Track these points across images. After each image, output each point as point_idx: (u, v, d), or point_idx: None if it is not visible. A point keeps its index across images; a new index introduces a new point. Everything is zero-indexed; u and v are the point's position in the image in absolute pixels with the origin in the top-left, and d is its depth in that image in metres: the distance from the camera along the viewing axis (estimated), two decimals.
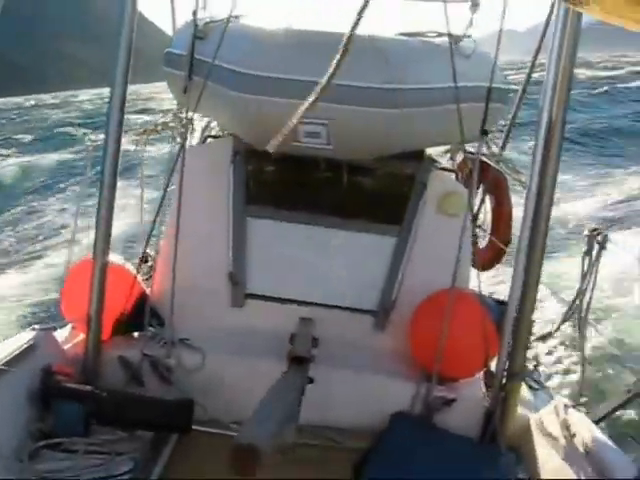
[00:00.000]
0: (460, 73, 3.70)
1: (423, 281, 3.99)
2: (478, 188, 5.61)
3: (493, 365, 3.76)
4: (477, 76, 3.80)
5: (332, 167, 4.22)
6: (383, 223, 4.25)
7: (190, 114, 3.99)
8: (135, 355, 3.79)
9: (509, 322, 3.58)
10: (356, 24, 1.29)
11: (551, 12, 3.84)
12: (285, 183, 4.41)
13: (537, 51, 4.86)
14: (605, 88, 37.78)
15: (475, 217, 5.55)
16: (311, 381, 3.29)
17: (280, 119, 3.94)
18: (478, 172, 5.40)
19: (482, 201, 5.66)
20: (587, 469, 3.10)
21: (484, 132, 3.65)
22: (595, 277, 3.64)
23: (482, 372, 3.88)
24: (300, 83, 3.45)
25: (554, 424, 3.55)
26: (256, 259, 4.29)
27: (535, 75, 5.12)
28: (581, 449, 3.22)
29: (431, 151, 4.61)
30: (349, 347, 4.01)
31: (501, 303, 3.95)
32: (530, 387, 3.99)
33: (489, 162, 5.18)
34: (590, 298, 3.66)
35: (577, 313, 3.70)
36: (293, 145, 3.76)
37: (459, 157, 5.51)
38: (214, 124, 5.60)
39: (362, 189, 4.39)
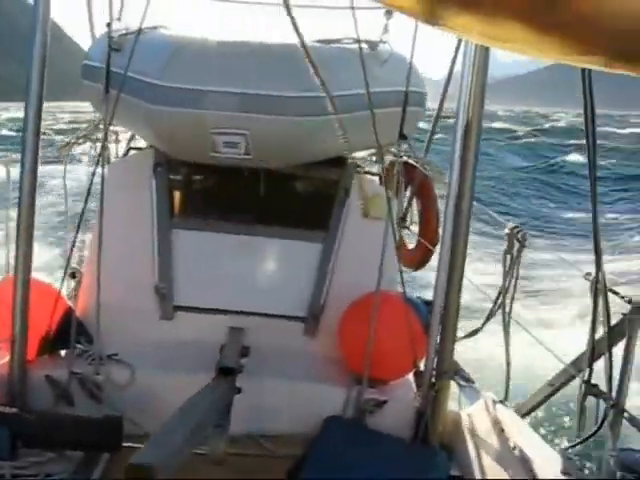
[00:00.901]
0: (377, 78, 3.76)
1: (351, 285, 4.02)
2: (405, 190, 5.69)
3: (423, 365, 3.82)
4: (394, 81, 3.86)
5: (256, 176, 4.22)
6: (309, 229, 4.28)
7: (110, 126, 3.94)
8: (63, 374, 3.71)
9: (435, 322, 3.65)
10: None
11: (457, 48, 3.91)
12: (209, 193, 4.40)
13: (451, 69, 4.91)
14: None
15: (403, 219, 5.64)
16: (239, 391, 3.28)
17: (193, 130, 3.95)
18: (404, 175, 5.53)
19: (409, 203, 5.73)
20: (515, 463, 3.18)
21: (403, 136, 3.71)
22: (517, 274, 3.73)
23: (412, 372, 3.93)
24: (212, 94, 3.46)
25: (483, 421, 3.63)
26: (183, 271, 4.26)
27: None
28: (510, 444, 3.31)
29: (357, 155, 4.67)
30: (280, 354, 4.01)
31: (429, 303, 4.01)
32: (459, 385, 4.06)
33: (415, 165, 5.26)
34: (513, 295, 3.75)
35: (501, 310, 3.79)
36: (212, 156, 3.75)
37: (386, 160, 5.57)
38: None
39: (287, 196, 4.41)
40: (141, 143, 5.37)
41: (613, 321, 3.18)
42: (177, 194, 4.31)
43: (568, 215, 23.42)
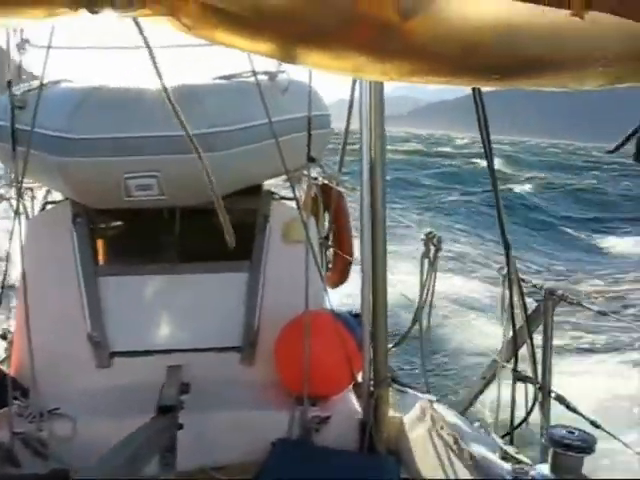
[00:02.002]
0: (279, 107, 3.88)
1: (281, 309, 4.10)
2: (325, 211, 5.82)
3: (360, 377, 3.93)
4: (296, 107, 3.99)
5: (175, 214, 4.28)
6: (233, 260, 4.34)
7: (23, 183, 3.94)
8: (4, 435, 3.68)
9: (366, 333, 3.77)
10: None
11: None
12: (131, 238, 4.43)
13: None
14: None
15: (327, 238, 5.76)
16: (181, 427, 3.32)
17: (105, 178, 3.98)
18: (322, 196, 5.67)
19: (331, 222, 5.86)
20: (459, 458, 3.31)
21: (311, 159, 3.82)
22: (435, 277, 3.88)
23: (351, 385, 4.04)
24: (120, 140, 3.52)
25: (424, 422, 3.75)
26: (114, 317, 4.26)
27: None
28: (451, 440, 3.43)
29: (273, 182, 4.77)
30: (220, 386, 4.05)
31: (358, 316, 4.13)
32: (398, 391, 4.17)
33: (331, 184, 5.40)
34: (432, 297, 3.90)
35: (424, 312, 3.94)
36: (127, 200, 3.80)
37: (304, 184, 5.68)
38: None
39: (207, 231, 4.45)
40: (57, 196, 5.36)
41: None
42: (99, 242, 4.33)
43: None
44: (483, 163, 3.71)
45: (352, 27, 1.04)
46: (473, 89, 3.08)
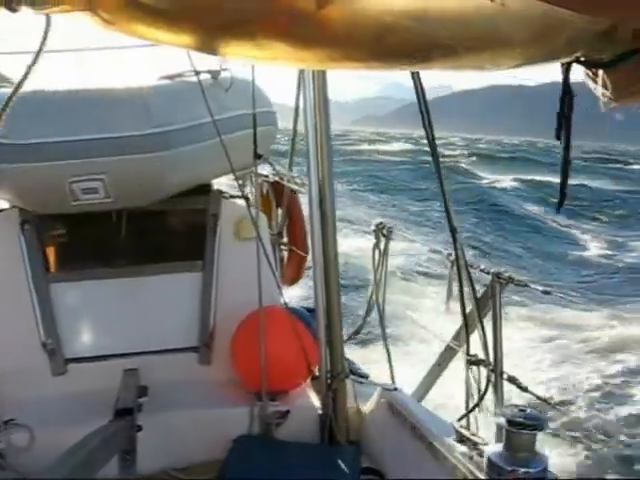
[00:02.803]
0: (223, 105, 3.89)
1: (236, 307, 4.11)
2: (277, 208, 5.85)
3: (317, 370, 3.96)
4: (241, 105, 4.00)
5: (125, 217, 4.25)
6: (186, 261, 4.35)
7: None
8: None
9: (321, 327, 3.79)
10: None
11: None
12: (82, 242, 4.38)
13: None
14: None
15: (280, 235, 5.79)
16: (139, 429, 3.31)
17: (50, 183, 3.92)
18: (273, 193, 5.68)
19: (284, 219, 5.88)
20: (418, 444, 3.36)
21: (258, 156, 3.83)
22: (386, 267, 3.93)
23: (309, 379, 4.07)
24: (63, 144, 3.48)
25: (383, 410, 3.80)
26: (68, 323, 4.22)
27: None
28: (410, 427, 3.48)
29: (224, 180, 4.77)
30: (179, 387, 4.05)
31: (312, 310, 4.16)
32: (356, 382, 4.21)
33: (282, 181, 5.42)
34: (384, 286, 3.95)
35: (376, 303, 3.99)
36: (74, 205, 3.76)
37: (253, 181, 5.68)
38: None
39: (159, 232, 4.46)
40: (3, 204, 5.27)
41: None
42: (49, 248, 4.28)
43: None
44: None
45: (270, 17, 1.06)
46: (412, 74, 3.13)
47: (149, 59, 4.15)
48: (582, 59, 1.28)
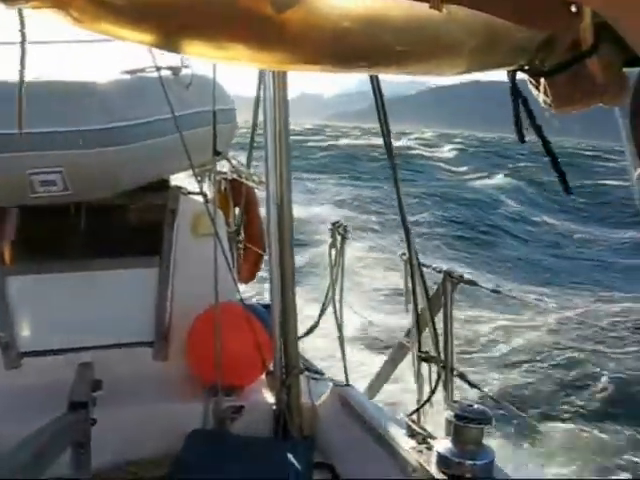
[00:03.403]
0: (183, 102, 3.91)
1: (192, 303, 4.13)
2: (236, 205, 5.87)
3: (272, 366, 4.01)
4: (201, 102, 4.03)
5: (83, 211, 4.24)
6: (143, 256, 4.35)
7: None
8: None
9: (276, 323, 3.84)
10: None
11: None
12: (38, 235, 4.36)
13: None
14: None
15: (237, 232, 5.82)
16: (94, 422, 3.31)
17: (9, 175, 3.88)
18: (231, 190, 5.71)
19: (242, 216, 5.91)
20: (368, 439, 3.44)
21: (217, 153, 3.87)
22: (342, 266, 4.00)
23: (264, 374, 4.12)
24: (23, 136, 3.47)
25: (336, 406, 3.86)
26: (23, 317, 4.20)
27: None
28: (361, 423, 3.56)
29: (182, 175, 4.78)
30: (134, 382, 4.06)
31: (268, 307, 4.20)
32: (310, 378, 4.27)
33: (240, 179, 5.44)
34: (342, 285, 4.01)
35: (332, 301, 4.05)
36: (32, 197, 3.75)
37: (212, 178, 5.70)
38: None
39: (116, 227, 4.46)
40: None
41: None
42: (5, 241, 4.25)
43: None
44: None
45: (229, 19, 1.11)
46: (371, 76, 3.21)
47: (111, 54, 4.15)
48: (525, 67, 1.35)
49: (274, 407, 3.93)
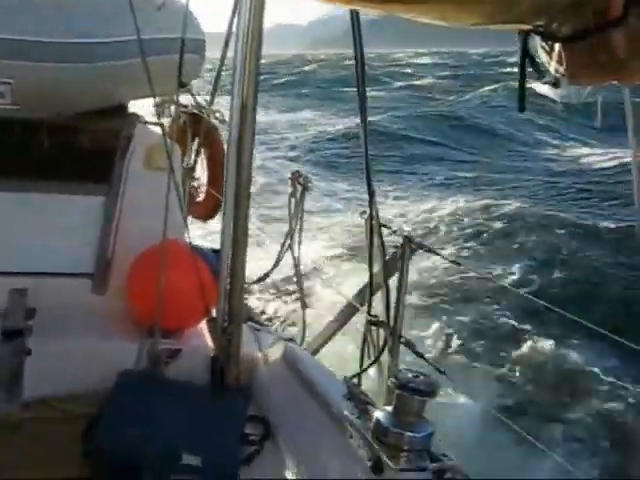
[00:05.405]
0: (152, 25, 3.68)
1: (138, 238, 3.96)
2: (193, 141, 5.66)
3: (215, 312, 3.88)
4: (170, 27, 3.79)
5: (30, 128, 3.99)
6: (90, 183, 4.14)
7: None
8: None
9: (223, 267, 3.70)
10: None
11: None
12: None
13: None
14: None
15: (192, 169, 5.62)
16: (29, 353, 3.16)
17: None
18: (191, 125, 5.49)
19: (197, 153, 5.71)
20: (307, 396, 3.36)
21: (182, 84, 3.66)
22: (302, 217, 3.87)
23: (205, 320, 3.98)
24: None
25: (277, 360, 3.77)
26: None
27: None
28: (301, 379, 3.47)
29: (141, 104, 4.55)
30: (69, 313, 3.88)
31: (217, 251, 4.05)
32: (253, 329, 4.17)
33: (202, 114, 5.23)
34: (299, 237, 3.89)
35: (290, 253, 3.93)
36: None
37: (172, 110, 5.48)
38: None
39: (65, 149, 4.22)
40: None
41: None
42: None
43: None
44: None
45: None
46: (351, 13, 3.09)
47: None
48: (541, 30, 1.22)
49: (212, 354, 3.81)
